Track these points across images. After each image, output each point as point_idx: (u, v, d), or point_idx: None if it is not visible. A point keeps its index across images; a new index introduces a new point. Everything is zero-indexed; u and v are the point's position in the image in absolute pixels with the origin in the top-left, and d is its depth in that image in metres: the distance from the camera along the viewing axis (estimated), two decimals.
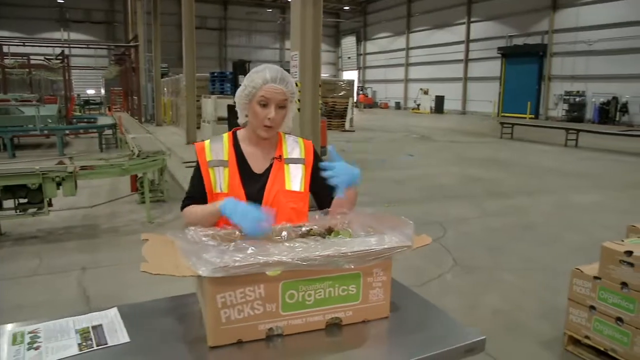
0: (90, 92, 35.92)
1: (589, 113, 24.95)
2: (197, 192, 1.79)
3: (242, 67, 11.13)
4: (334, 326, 1.39)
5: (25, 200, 5.33)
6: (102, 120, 14.89)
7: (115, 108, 24.26)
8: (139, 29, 23.23)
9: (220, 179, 1.75)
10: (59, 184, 5.28)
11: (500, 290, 4.16)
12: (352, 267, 1.32)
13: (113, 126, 13.63)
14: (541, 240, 5.63)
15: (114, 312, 1.49)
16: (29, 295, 3.90)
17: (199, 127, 15.18)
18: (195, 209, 1.76)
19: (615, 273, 2.85)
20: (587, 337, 3.03)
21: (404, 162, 11.66)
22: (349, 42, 48.62)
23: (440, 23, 35.63)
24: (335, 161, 1.66)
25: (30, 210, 5.39)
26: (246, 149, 1.82)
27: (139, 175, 6.68)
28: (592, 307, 2.99)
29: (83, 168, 5.48)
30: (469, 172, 10.09)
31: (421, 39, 37.92)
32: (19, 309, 3.64)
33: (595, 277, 2.96)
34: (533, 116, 27.52)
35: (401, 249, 1.36)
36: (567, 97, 26.05)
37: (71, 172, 5.27)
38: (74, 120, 16.35)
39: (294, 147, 1.86)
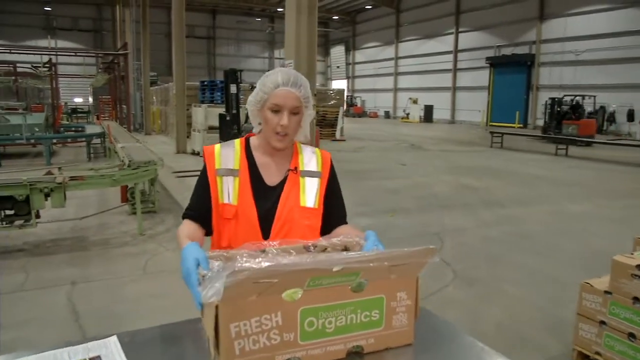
0: (78, 100, 35.57)
1: None
2: (200, 203, 1.67)
3: (233, 76, 10.99)
4: (355, 355, 1.29)
5: (12, 212, 5.16)
6: (90, 129, 14.68)
7: (103, 117, 23.98)
8: (128, 37, 23.09)
9: (229, 189, 1.62)
10: (47, 195, 5.12)
11: (503, 303, 4.08)
12: (386, 264, 1.20)
13: (101, 135, 13.43)
14: (539, 249, 5.57)
15: (113, 341, 1.37)
16: (15, 312, 3.73)
17: (189, 136, 15.05)
18: (181, 232, 1.62)
19: (627, 287, 2.77)
20: (597, 353, 2.95)
21: (397, 171, 11.60)
22: (338, 52, 48.81)
23: (428, 33, 35.89)
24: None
25: (17, 222, 5.21)
26: (259, 158, 1.70)
27: (130, 185, 6.54)
28: (603, 322, 2.91)
29: (72, 179, 5.32)
30: (462, 181, 10.06)
31: (410, 48, 38.16)
32: (3, 328, 3.46)
33: (606, 292, 2.88)
34: (521, 125, 27.72)
35: (426, 253, 1.25)
36: None
37: (60, 183, 5.11)
38: (62, 129, 16.11)
39: (310, 159, 1.73)
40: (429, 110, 34.48)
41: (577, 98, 20.40)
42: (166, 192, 8.49)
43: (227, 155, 1.67)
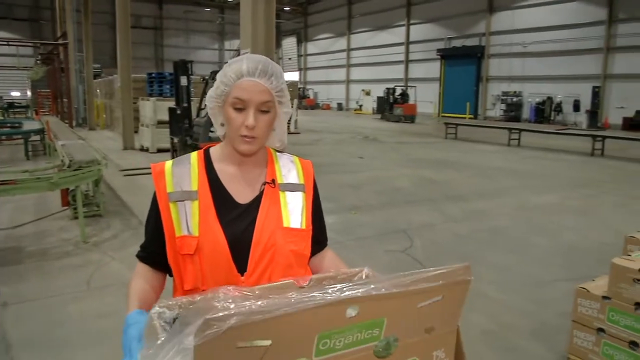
0: (15, 94, 33.41)
1: (526, 113, 25.85)
2: (153, 240, 1.30)
3: (183, 67, 10.36)
4: None
5: None
6: (28, 125, 13.59)
7: (43, 111, 22.54)
8: (68, 26, 21.72)
9: (187, 217, 1.23)
10: None
11: (484, 307, 3.84)
12: (411, 288, 0.86)
13: (41, 131, 12.47)
14: (511, 246, 5.42)
15: None
16: None
17: (136, 131, 14.27)
18: (131, 286, 1.26)
19: (628, 292, 2.57)
20: None
21: (355, 164, 11.35)
22: (289, 43, 48.23)
23: (380, 25, 35.95)
24: None
25: None
26: (225, 170, 1.32)
27: (71, 188, 5.94)
28: (601, 330, 2.70)
29: (3, 183, 4.71)
30: (422, 174, 9.91)
31: (362, 40, 38.13)
32: None
33: (604, 297, 2.67)
34: (472, 116, 28.20)
35: (460, 272, 0.92)
36: (505, 97, 26.89)
37: None
38: None
39: (290, 169, 1.37)
40: (381, 102, 34.53)
41: (403, 88, 28.99)
42: (113, 193, 7.87)
43: (181, 173, 1.28)
